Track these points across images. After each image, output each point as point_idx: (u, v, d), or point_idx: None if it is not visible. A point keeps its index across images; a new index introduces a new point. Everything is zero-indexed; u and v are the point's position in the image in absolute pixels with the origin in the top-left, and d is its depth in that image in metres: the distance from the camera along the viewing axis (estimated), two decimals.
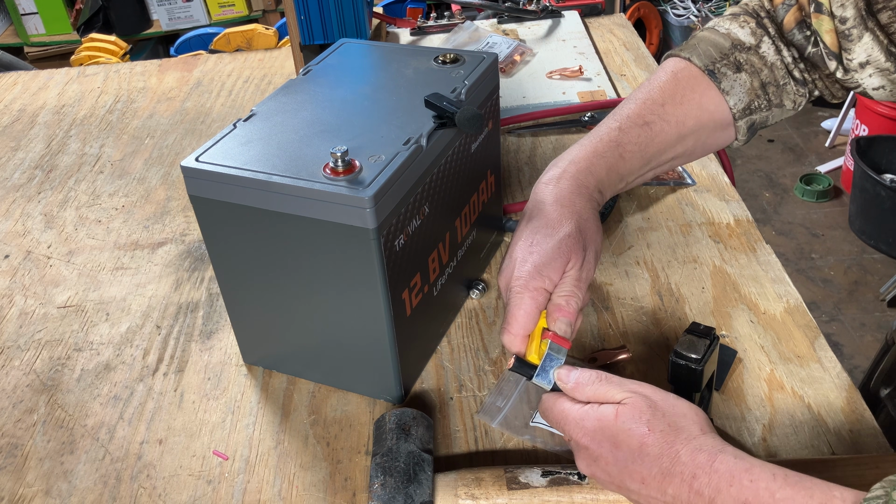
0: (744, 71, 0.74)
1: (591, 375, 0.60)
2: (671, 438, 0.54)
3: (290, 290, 0.72)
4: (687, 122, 0.74)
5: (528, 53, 1.39)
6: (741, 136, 0.78)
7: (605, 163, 0.71)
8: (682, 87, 0.75)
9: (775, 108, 0.77)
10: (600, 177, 0.71)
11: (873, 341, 2.27)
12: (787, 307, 0.83)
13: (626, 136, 0.73)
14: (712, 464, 0.52)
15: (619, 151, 0.72)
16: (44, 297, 0.95)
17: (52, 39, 3.12)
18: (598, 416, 0.57)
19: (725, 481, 0.51)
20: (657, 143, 0.73)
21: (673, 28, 3.53)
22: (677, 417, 0.55)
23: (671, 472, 0.53)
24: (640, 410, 0.56)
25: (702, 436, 0.54)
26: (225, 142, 0.71)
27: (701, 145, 0.77)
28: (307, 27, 1.17)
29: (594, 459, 0.57)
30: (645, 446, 0.54)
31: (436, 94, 0.72)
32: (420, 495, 0.62)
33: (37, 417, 0.79)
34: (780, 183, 2.98)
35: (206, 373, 0.82)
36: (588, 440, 0.57)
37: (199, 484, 0.71)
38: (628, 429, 0.55)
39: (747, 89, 0.74)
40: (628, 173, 0.73)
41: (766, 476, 0.50)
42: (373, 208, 0.62)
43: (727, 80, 0.74)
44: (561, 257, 0.65)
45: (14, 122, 1.37)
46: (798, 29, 0.72)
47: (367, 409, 0.76)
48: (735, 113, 0.75)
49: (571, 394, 0.60)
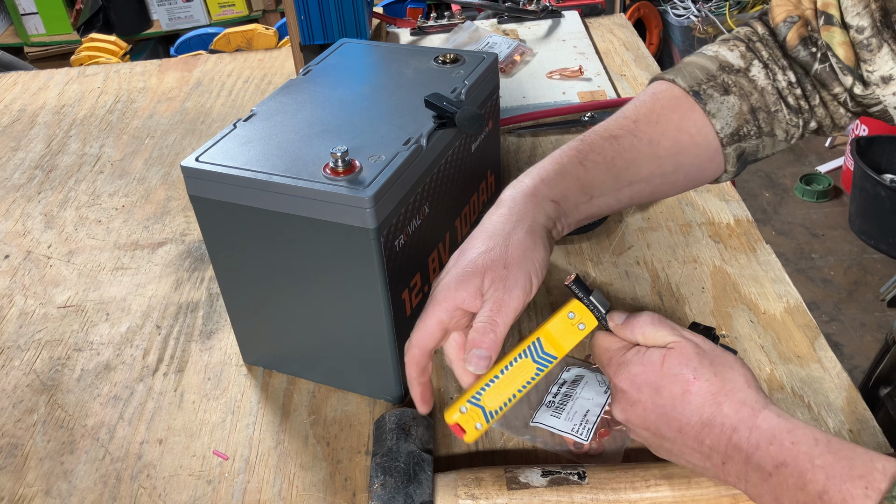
0: (732, 94, 0.70)
1: (641, 317, 0.59)
2: (716, 388, 0.53)
3: (290, 290, 0.72)
4: (662, 141, 0.69)
5: (528, 53, 1.39)
6: (730, 167, 0.72)
7: (564, 174, 0.66)
8: (659, 106, 0.70)
9: (766, 138, 0.71)
10: (558, 188, 0.65)
11: (873, 341, 2.27)
12: (787, 307, 0.83)
13: (590, 147, 0.68)
14: (755, 419, 0.52)
15: (579, 160, 0.67)
16: (44, 297, 0.95)
17: (52, 39, 3.12)
18: (643, 360, 0.56)
19: (766, 439, 0.51)
20: (625, 157, 0.68)
21: (673, 28, 3.52)
22: (724, 368, 0.54)
23: (711, 423, 0.53)
24: (687, 357, 0.55)
25: (747, 389, 0.54)
26: (225, 142, 0.71)
27: (683, 174, 0.71)
28: (307, 27, 1.17)
29: (631, 404, 0.56)
30: (688, 393, 0.54)
31: (436, 94, 0.72)
32: (420, 495, 0.62)
33: (37, 417, 0.79)
34: (780, 183, 2.98)
35: (206, 373, 0.82)
36: (628, 384, 0.56)
37: (199, 484, 0.71)
38: (674, 374, 0.54)
39: (735, 113, 0.70)
40: (592, 186, 0.67)
41: (807, 440, 0.50)
42: (373, 208, 0.62)
43: (713, 101, 0.69)
44: (476, 276, 0.59)
45: (14, 122, 1.37)
46: (803, 45, 0.68)
47: (367, 409, 0.76)
48: (723, 138, 0.70)
49: (620, 332, 0.59)
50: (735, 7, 3.43)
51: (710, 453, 0.53)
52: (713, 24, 3.40)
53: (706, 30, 3.43)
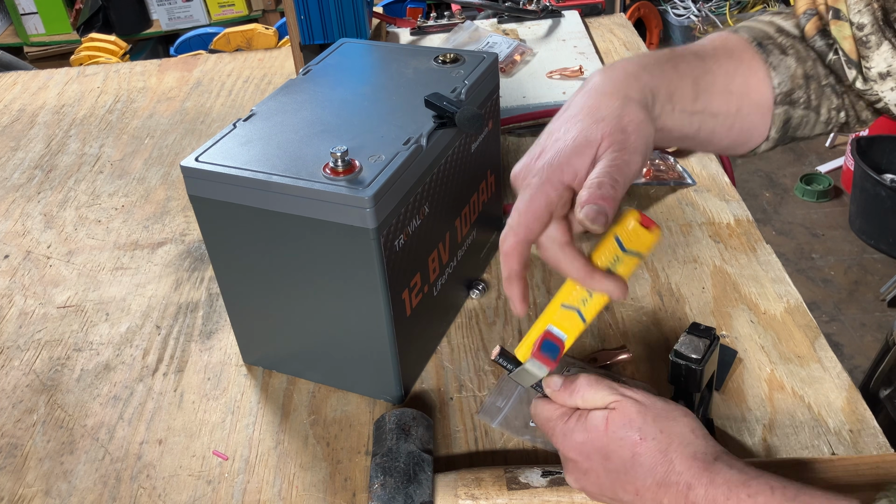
0: (790, 55, 0.68)
1: (578, 380, 0.58)
2: (664, 446, 0.53)
3: (290, 290, 0.72)
4: (735, 77, 0.66)
5: (528, 53, 1.39)
6: (773, 133, 0.69)
7: (662, 70, 0.62)
8: (732, 45, 0.68)
9: (812, 113, 0.69)
10: (655, 78, 0.60)
11: (873, 341, 2.27)
12: (788, 307, 0.83)
13: (681, 55, 0.65)
14: (709, 474, 0.51)
15: (674, 64, 0.63)
16: (43, 297, 0.95)
17: (51, 39, 3.12)
18: (586, 427, 0.56)
19: (723, 495, 0.50)
20: (707, 79, 0.64)
21: (673, 28, 3.53)
22: (669, 422, 0.54)
23: (666, 482, 0.52)
24: (629, 417, 0.54)
25: (695, 440, 0.53)
26: (225, 142, 0.71)
27: (739, 123, 0.67)
28: (307, 27, 1.17)
29: (584, 473, 0.56)
30: (637, 456, 0.53)
31: (436, 94, 0.72)
32: (420, 495, 0.62)
33: (36, 417, 0.79)
34: (780, 183, 2.98)
35: (205, 373, 0.82)
36: (576, 453, 0.56)
37: (199, 484, 0.70)
38: (619, 437, 0.54)
39: (791, 74, 0.67)
40: (678, 95, 0.62)
41: (764, 491, 0.50)
42: (373, 208, 0.62)
43: (774, 56, 0.67)
44: (591, 146, 0.53)
45: (14, 122, 1.37)
46: (819, 36, 0.68)
47: (367, 409, 0.76)
48: (777, 95, 0.66)
49: (558, 399, 0.58)
50: (735, 7, 3.44)
51: None
52: (713, 23, 3.40)
53: (706, 30, 3.43)
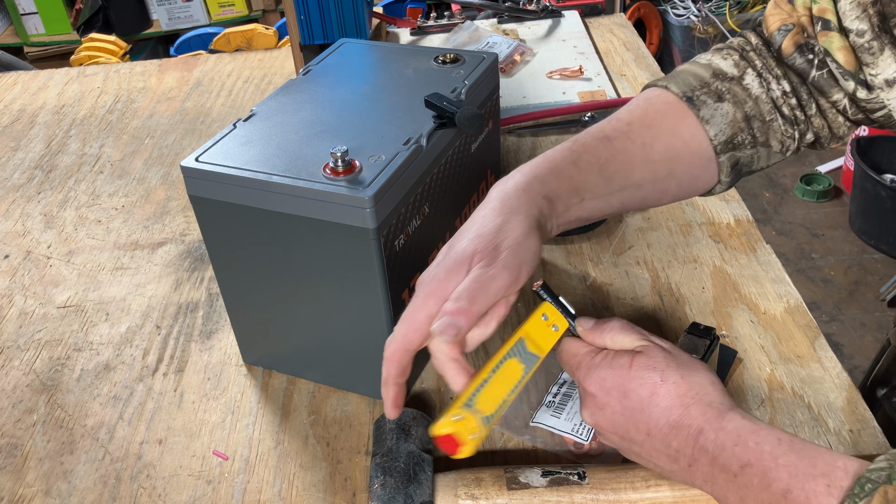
0: (726, 101, 0.68)
1: (610, 322, 0.59)
2: (683, 391, 0.54)
3: (290, 291, 0.72)
4: (655, 146, 0.67)
5: (528, 53, 1.39)
6: (724, 177, 0.70)
7: (558, 173, 0.64)
8: (653, 110, 0.69)
9: (761, 148, 0.70)
10: (551, 186, 0.63)
11: (873, 341, 2.27)
12: (788, 307, 0.83)
13: (583, 147, 0.66)
14: (720, 421, 0.52)
15: (573, 160, 0.65)
16: (43, 297, 0.95)
17: (51, 39, 3.12)
18: (611, 363, 0.57)
19: (731, 440, 0.51)
20: (618, 160, 0.66)
21: (673, 28, 3.53)
22: (691, 371, 0.55)
23: (679, 425, 0.53)
24: (655, 360, 0.56)
25: (713, 391, 0.54)
26: (225, 142, 0.71)
27: (676, 180, 0.69)
28: (307, 27, 1.17)
29: (600, 407, 0.57)
30: (656, 396, 0.54)
31: (436, 94, 0.72)
32: (420, 495, 0.62)
33: (36, 417, 0.79)
34: (780, 183, 2.98)
35: (205, 373, 0.82)
36: (596, 387, 0.57)
37: (199, 484, 0.70)
38: (642, 377, 0.55)
39: (729, 121, 0.68)
40: (584, 188, 0.65)
41: (771, 440, 0.50)
42: (373, 208, 0.62)
43: (707, 108, 0.68)
44: (465, 263, 0.56)
45: (14, 122, 1.37)
46: (799, 53, 0.67)
47: (367, 409, 0.76)
48: (716, 146, 0.68)
49: (588, 337, 0.60)
50: (735, 7, 3.44)
51: (678, 456, 0.54)
52: (713, 24, 3.40)
53: (706, 30, 3.43)
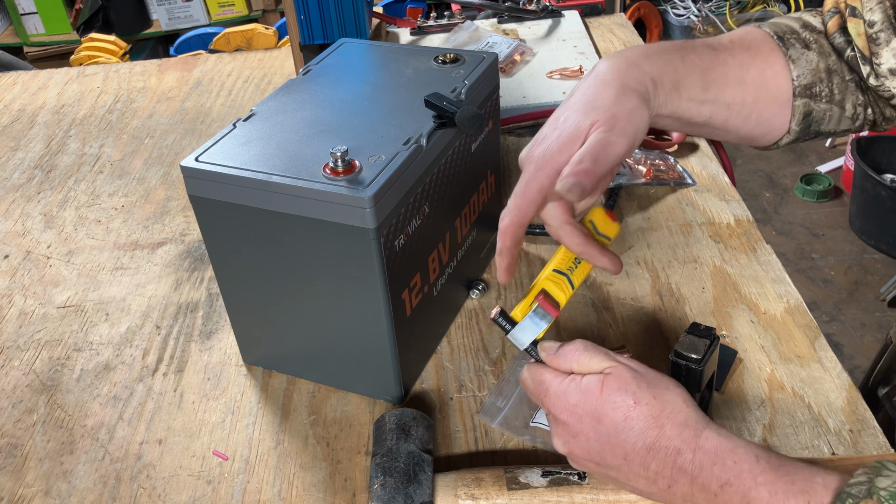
0: (812, 50, 0.70)
1: (573, 345, 0.58)
2: (657, 412, 0.54)
3: (290, 291, 0.72)
4: (751, 68, 0.69)
5: (528, 53, 1.39)
6: (795, 125, 0.71)
7: (667, 59, 0.66)
8: (751, 38, 0.71)
9: (836, 107, 0.71)
10: (659, 68, 0.65)
11: (873, 341, 2.27)
12: (788, 307, 0.83)
13: (691, 46, 0.68)
14: (697, 440, 0.52)
15: (681, 55, 0.67)
16: (43, 297, 0.95)
17: (51, 39, 3.12)
18: (581, 388, 0.56)
19: (709, 459, 0.51)
20: (718, 71, 0.68)
21: (673, 28, 3.53)
22: (662, 390, 0.55)
23: (655, 447, 0.53)
24: (625, 382, 0.55)
25: (686, 409, 0.54)
26: (225, 142, 0.71)
27: (758, 112, 0.70)
28: (307, 27, 1.17)
29: (573, 436, 0.56)
30: (630, 419, 0.54)
31: (436, 94, 0.72)
32: (420, 495, 0.62)
33: (36, 417, 0.79)
34: (780, 183, 2.98)
35: (205, 373, 0.82)
36: (568, 415, 0.56)
37: (198, 484, 0.70)
38: (613, 401, 0.54)
39: (812, 68, 0.70)
40: (685, 84, 0.66)
41: (749, 458, 0.50)
42: (373, 208, 0.62)
43: (795, 50, 0.70)
44: (581, 134, 0.59)
45: (14, 122, 1.37)
46: (839, 33, 0.70)
47: (367, 409, 0.76)
48: (796, 88, 0.69)
49: (553, 363, 0.59)
50: (735, 7, 3.44)
51: (656, 478, 0.53)
52: (713, 23, 3.40)
53: (706, 30, 3.43)
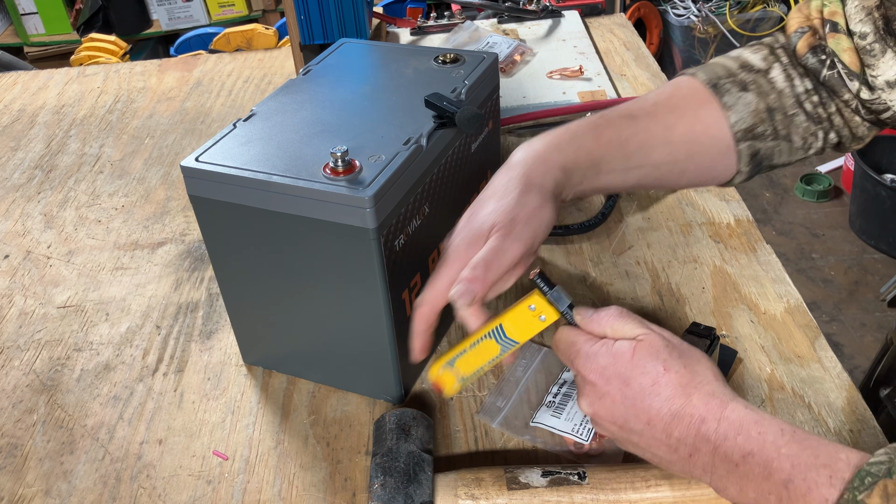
0: (750, 91, 0.70)
1: (608, 310, 0.59)
2: (686, 380, 0.54)
3: (290, 291, 0.72)
4: (677, 127, 0.70)
5: (528, 53, 1.39)
6: (743, 166, 0.72)
7: (578, 144, 0.67)
8: (678, 95, 0.72)
9: (783, 142, 0.71)
10: (568, 156, 0.66)
11: (874, 341, 2.27)
12: (788, 307, 0.83)
13: (606, 122, 0.69)
14: (723, 410, 0.52)
15: (594, 134, 0.68)
16: (43, 297, 0.95)
17: (51, 39, 3.12)
18: (612, 352, 0.56)
19: (734, 429, 0.51)
20: (639, 139, 0.69)
21: (673, 28, 3.52)
22: (693, 361, 0.55)
23: (681, 414, 0.53)
24: (657, 349, 0.55)
25: (715, 382, 0.54)
26: (225, 142, 0.71)
27: (695, 165, 0.72)
28: (307, 27, 1.17)
29: (599, 397, 0.56)
30: (658, 385, 0.54)
31: (436, 94, 0.72)
32: (420, 495, 0.62)
33: (36, 417, 0.79)
34: (780, 183, 2.98)
35: (205, 373, 0.82)
36: (596, 376, 0.56)
37: (198, 484, 0.70)
38: (644, 366, 0.54)
39: (752, 110, 0.70)
40: (603, 162, 0.68)
41: (774, 430, 0.50)
42: (373, 208, 0.62)
43: (730, 95, 0.70)
44: (483, 234, 0.62)
45: (14, 122, 1.37)
46: (812, 53, 0.69)
47: (367, 409, 0.76)
48: (737, 133, 0.70)
49: (587, 326, 0.59)
50: (735, 7, 3.44)
51: (678, 445, 0.53)
52: (713, 24, 3.40)
53: (706, 30, 3.43)
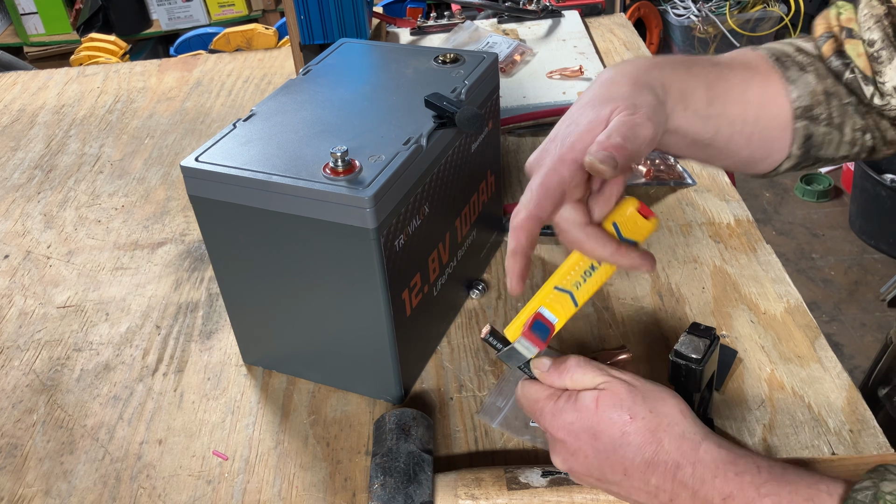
0: (809, 72, 0.68)
1: (569, 360, 0.58)
2: (653, 425, 0.53)
3: (290, 290, 0.72)
4: (752, 86, 0.66)
5: (528, 53, 1.39)
6: (795, 148, 0.68)
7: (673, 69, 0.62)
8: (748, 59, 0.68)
9: (835, 131, 0.68)
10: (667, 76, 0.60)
11: (873, 341, 2.27)
12: (788, 307, 0.83)
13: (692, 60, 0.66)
14: (696, 453, 0.52)
15: (687, 66, 0.63)
16: (43, 297, 0.95)
17: (51, 39, 3.12)
18: (576, 406, 0.56)
19: (710, 472, 0.51)
20: (722, 86, 0.64)
21: (673, 28, 3.53)
22: (658, 403, 0.55)
23: (654, 462, 0.53)
24: (620, 397, 0.55)
25: (684, 421, 0.54)
26: (225, 142, 0.71)
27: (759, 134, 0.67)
28: (307, 27, 1.17)
29: (571, 453, 0.56)
30: (627, 435, 0.54)
31: (436, 94, 0.72)
32: (420, 495, 0.62)
33: (36, 417, 0.79)
34: (780, 183, 2.98)
35: (205, 373, 0.82)
36: (565, 433, 0.56)
37: (198, 484, 0.70)
38: (609, 417, 0.54)
39: (811, 90, 0.67)
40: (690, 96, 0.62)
41: (750, 469, 0.50)
42: (373, 208, 0.62)
43: (792, 71, 0.67)
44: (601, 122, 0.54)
45: (14, 122, 1.37)
46: (836, 56, 0.68)
47: (367, 409, 0.76)
48: (796, 109, 0.66)
49: (546, 380, 0.58)
50: (735, 7, 3.44)
51: (657, 492, 0.53)
52: (713, 24, 3.40)
53: (706, 30, 3.43)
